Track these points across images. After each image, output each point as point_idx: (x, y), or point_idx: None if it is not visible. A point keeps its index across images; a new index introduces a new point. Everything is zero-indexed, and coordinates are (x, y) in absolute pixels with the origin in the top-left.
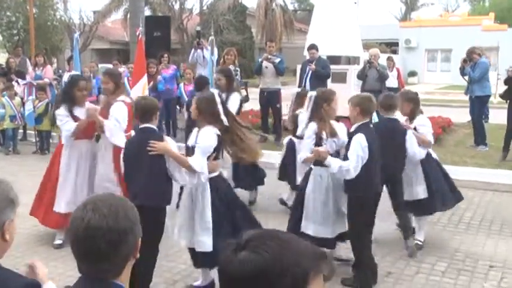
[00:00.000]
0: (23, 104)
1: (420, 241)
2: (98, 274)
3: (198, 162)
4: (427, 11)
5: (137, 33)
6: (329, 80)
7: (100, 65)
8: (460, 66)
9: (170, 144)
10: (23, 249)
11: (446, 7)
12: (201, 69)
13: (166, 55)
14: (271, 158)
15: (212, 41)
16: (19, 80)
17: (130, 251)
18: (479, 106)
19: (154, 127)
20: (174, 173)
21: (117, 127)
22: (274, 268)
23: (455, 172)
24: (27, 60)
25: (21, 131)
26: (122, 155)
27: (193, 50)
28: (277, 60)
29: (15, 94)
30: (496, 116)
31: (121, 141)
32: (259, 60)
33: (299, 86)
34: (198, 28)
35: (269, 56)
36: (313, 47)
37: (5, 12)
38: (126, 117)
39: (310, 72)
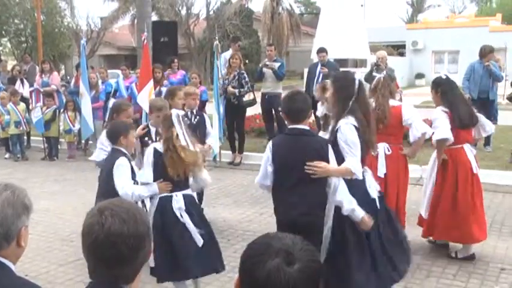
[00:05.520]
0: (29, 110)
1: None
2: (115, 279)
3: None
4: (433, 13)
5: (142, 39)
6: None
7: (109, 71)
8: None
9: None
10: (32, 255)
11: (452, 8)
12: None
13: (176, 60)
14: None
15: (217, 46)
16: (25, 85)
17: (146, 255)
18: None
19: None
20: None
21: None
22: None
23: None
24: (37, 67)
25: (25, 137)
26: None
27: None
28: (277, 65)
29: (22, 98)
30: (506, 118)
31: None
32: (260, 65)
33: (306, 89)
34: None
35: (267, 63)
36: (323, 50)
37: (13, 20)
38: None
39: (321, 75)
